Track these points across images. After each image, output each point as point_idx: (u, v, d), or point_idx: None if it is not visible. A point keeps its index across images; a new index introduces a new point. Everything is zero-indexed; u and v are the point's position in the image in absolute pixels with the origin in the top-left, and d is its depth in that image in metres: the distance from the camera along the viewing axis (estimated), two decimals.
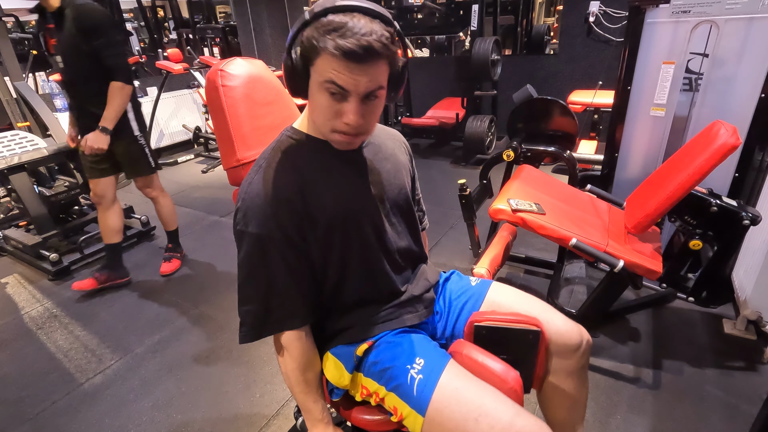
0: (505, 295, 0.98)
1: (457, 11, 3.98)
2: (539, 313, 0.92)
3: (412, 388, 0.79)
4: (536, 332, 0.84)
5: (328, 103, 0.72)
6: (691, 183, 1.35)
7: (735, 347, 1.66)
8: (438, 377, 0.78)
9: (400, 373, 0.81)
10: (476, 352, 0.82)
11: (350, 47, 0.64)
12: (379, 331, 0.90)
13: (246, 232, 0.79)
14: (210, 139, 4.70)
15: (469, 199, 2.00)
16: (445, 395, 0.76)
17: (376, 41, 0.66)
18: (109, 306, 2.22)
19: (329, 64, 0.67)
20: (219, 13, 7.22)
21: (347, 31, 0.65)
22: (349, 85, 0.68)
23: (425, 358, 0.82)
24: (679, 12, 1.69)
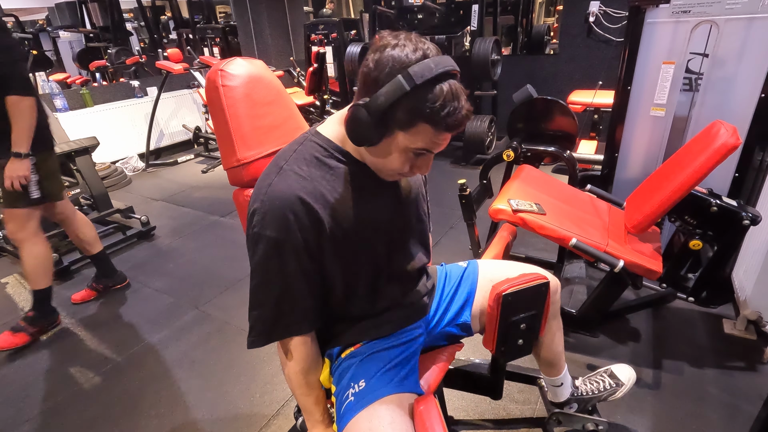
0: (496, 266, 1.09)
1: (457, 11, 3.98)
2: (528, 269, 1.03)
3: (341, 407, 0.81)
4: (547, 282, 0.95)
5: (407, 160, 0.76)
6: (691, 183, 1.35)
7: (735, 347, 1.66)
8: (367, 404, 0.78)
9: (343, 389, 0.84)
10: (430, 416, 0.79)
11: (456, 125, 0.70)
12: (376, 336, 0.91)
13: (263, 236, 0.76)
14: (210, 139, 4.71)
15: (469, 199, 2.00)
16: (360, 427, 0.76)
17: (468, 113, 0.71)
18: (109, 306, 2.22)
19: (428, 134, 0.71)
20: (219, 13, 7.22)
21: (453, 109, 0.68)
22: (438, 148, 0.75)
23: (368, 382, 0.82)
24: (679, 12, 1.69)
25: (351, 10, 7.42)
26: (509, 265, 1.09)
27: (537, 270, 1.02)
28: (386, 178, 0.82)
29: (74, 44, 6.51)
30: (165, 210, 3.40)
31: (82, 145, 2.76)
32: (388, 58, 0.68)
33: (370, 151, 0.77)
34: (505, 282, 0.95)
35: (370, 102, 0.69)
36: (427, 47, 0.70)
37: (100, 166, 3.81)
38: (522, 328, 0.98)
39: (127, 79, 4.86)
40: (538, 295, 0.96)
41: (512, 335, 0.98)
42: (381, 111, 0.68)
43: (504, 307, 0.93)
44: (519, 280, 0.94)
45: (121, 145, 4.37)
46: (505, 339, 0.98)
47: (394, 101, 0.67)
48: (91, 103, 4.23)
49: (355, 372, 0.85)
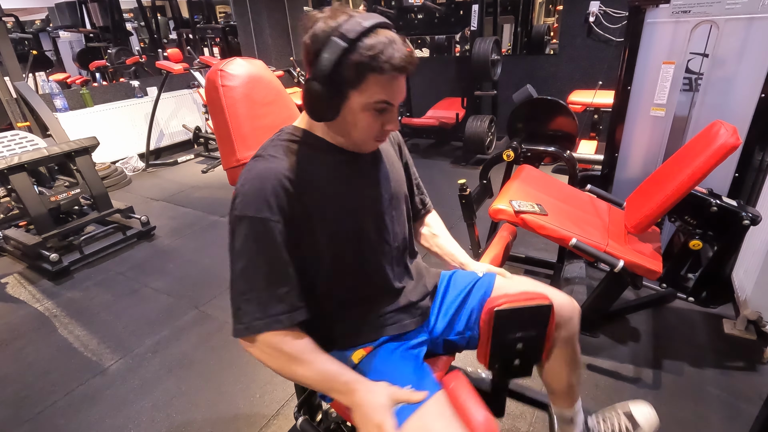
0: (507, 280, 1.03)
1: (457, 11, 3.98)
2: (542, 289, 0.98)
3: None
4: (549, 306, 0.90)
5: (372, 119, 0.77)
6: (691, 183, 1.34)
7: (735, 347, 1.66)
8: (413, 409, 0.75)
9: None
10: (463, 390, 0.79)
11: (401, 64, 0.72)
12: (377, 337, 0.90)
13: (245, 217, 0.75)
14: (210, 139, 4.71)
15: (469, 199, 1.99)
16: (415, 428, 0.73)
17: (411, 54, 0.73)
18: (109, 306, 2.22)
19: (379, 84, 0.73)
20: (219, 13, 7.22)
21: (393, 51, 0.71)
22: (396, 98, 0.76)
23: (414, 386, 0.80)
24: (679, 12, 1.69)
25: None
26: (525, 283, 1.02)
27: (550, 292, 0.97)
28: (365, 149, 0.84)
29: (74, 44, 6.51)
30: (165, 210, 3.40)
31: (82, 145, 2.77)
32: (320, 28, 0.72)
33: (337, 130, 0.80)
34: (501, 297, 0.91)
35: (315, 71, 0.72)
36: (351, 10, 0.74)
37: (100, 166, 3.81)
38: (518, 348, 0.92)
39: (127, 79, 4.86)
40: (538, 316, 0.90)
41: (506, 354, 0.92)
42: (327, 75, 0.71)
43: (496, 324, 0.89)
44: (517, 297, 0.91)
45: (121, 145, 4.38)
46: (497, 357, 0.93)
47: (336, 61, 0.70)
48: (91, 103, 4.23)
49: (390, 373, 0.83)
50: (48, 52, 6.31)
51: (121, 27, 5.77)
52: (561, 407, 1.10)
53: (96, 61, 5.57)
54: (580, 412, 1.12)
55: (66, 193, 2.82)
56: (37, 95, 3.17)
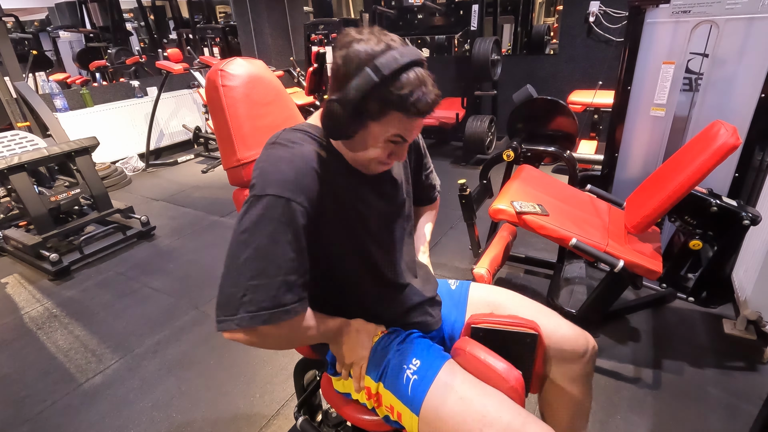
0: (507, 297, 0.99)
1: (457, 11, 3.98)
2: (544, 318, 0.92)
3: (407, 388, 0.80)
4: (533, 335, 0.84)
5: (382, 150, 0.77)
6: (691, 183, 1.35)
7: (735, 347, 1.66)
8: (433, 377, 0.79)
9: (397, 373, 0.82)
10: (479, 350, 0.82)
11: (426, 109, 0.72)
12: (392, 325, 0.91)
13: (268, 195, 0.70)
14: (210, 139, 4.71)
15: (469, 199, 2.00)
16: (439, 395, 0.77)
17: (437, 97, 0.74)
18: (108, 306, 2.22)
19: (401, 122, 0.73)
20: (219, 13, 7.22)
21: (422, 95, 0.70)
22: (411, 136, 0.77)
23: (422, 359, 0.83)
24: (679, 12, 1.69)
25: (351, 10, 7.42)
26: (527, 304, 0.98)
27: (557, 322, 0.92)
28: (366, 171, 0.82)
29: (74, 44, 6.51)
30: (165, 210, 3.40)
31: (82, 145, 2.77)
32: (354, 53, 0.70)
33: (348, 146, 0.79)
34: (488, 315, 0.89)
35: (341, 96, 0.71)
36: (391, 39, 0.72)
37: (100, 166, 3.81)
38: None
39: (127, 79, 4.86)
40: (520, 343, 0.85)
41: None
42: (353, 104, 0.70)
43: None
44: (501, 320, 0.86)
45: (121, 145, 4.38)
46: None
47: (365, 93, 0.69)
48: (91, 103, 4.23)
49: (400, 356, 0.84)
50: (48, 52, 6.31)
51: (121, 27, 5.78)
52: None
53: (96, 61, 5.57)
54: None
55: (66, 193, 2.82)
56: (37, 95, 3.17)
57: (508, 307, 0.96)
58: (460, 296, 1.03)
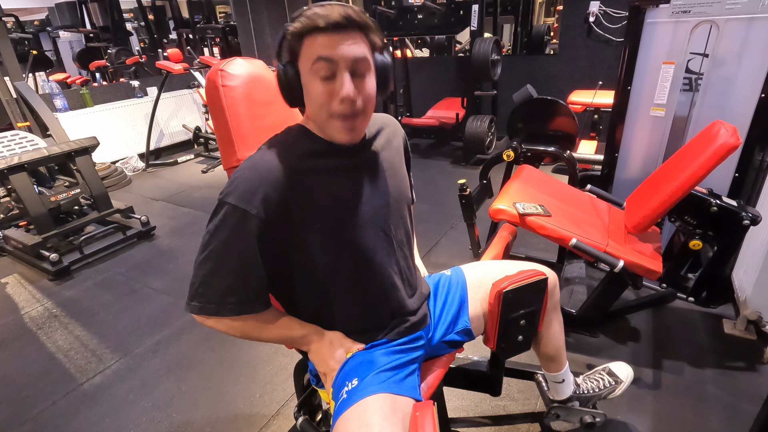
0: (492, 267, 1.08)
1: (457, 11, 3.98)
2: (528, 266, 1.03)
3: (337, 404, 0.81)
4: (545, 279, 0.98)
5: (321, 88, 0.75)
6: (691, 183, 1.35)
7: (735, 347, 1.66)
8: (356, 401, 0.77)
9: (338, 388, 0.84)
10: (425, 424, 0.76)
11: (333, 18, 0.71)
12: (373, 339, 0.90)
13: (226, 203, 0.76)
14: (210, 139, 4.71)
15: (469, 199, 1.99)
16: (349, 422, 0.75)
17: (352, 11, 0.73)
18: (109, 306, 2.22)
19: (314, 42, 0.73)
20: (219, 13, 7.22)
21: (326, 8, 0.72)
22: (336, 53, 0.73)
23: (360, 380, 0.82)
24: (679, 12, 1.69)
25: None
26: (492, 264, 1.10)
27: (527, 266, 1.03)
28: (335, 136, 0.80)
29: (74, 44, 6.52)
30: (165, 210, 3.40)
31: (82, 145, 2.77)
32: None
33: (309, 110, 0.81)
34: (504, 279, 0.97)
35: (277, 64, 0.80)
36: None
37: (100, 166, 3.81)
38: (521, 325, 1.00)
39: (127, 79, 4.86)
40: (538, 290, 0.98)
41: (512, 332, 1.00)
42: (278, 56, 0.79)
43: (505, 304, 0.95)
44: (518, 277, 0.96)
45: (121, 145, 4.38)
46: (505, 336, 1.00)
47: (282, 39, 0.78)
48: (91, 103, 4.24)
49: (349, 372, 0.84)
50: (48, 52, 6.31)
51: (121, 27, 5.78)
52: (553, 371, 1.20)
53: (96, 61, 5.57)
54: (569, 373, 1.23)
55: (66, 193, 2.82)
56: (37, 95, 3.17)
57: (498, 270, 1.04)
58: (458, 280, 1.07)
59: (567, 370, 1.21)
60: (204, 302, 0.79)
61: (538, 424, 1.41)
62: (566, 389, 1.23)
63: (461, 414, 1.47)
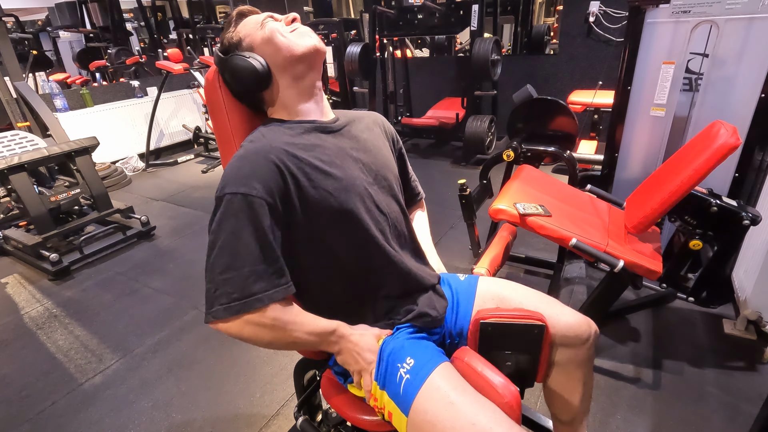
0: (511, 290, 0.99)
1: (457, 11, 3.98)
2: (547, 307, 0.93)
3: (399, 387, 0.78)
4: (541, 326, 0.85)
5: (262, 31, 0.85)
6: (691, 183, 1.34)
7: (735, 347, 1.66)
8: (425, 378, 0.77)
9: (391, 372, 0.81)
10: (477, 362, 0.79)
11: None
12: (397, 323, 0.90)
13: (224, 195, 0.75)
14: (210, 139, 4.71)
15: (469, 199, 1.99)
16: (430, 397, 0.75)
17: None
18: (109, 306, 2.22)
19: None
20: (219, 13, 7.20)
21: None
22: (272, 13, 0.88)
23: (416, 358, 0.81)
24: (679, 12, 1.69)
25: (351, 10, 7.42)
26: (509, 287, 1.00)
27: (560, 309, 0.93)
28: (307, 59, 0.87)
29: (74, 44, 6.51)
30: (165, 210, 3.40)
31: (82, 145, 2.77)
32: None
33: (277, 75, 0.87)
34: (494, 309, 0.90)
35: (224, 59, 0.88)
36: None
37: (100, 166, 3.81)
38: (507, 366, 0.89)
39: (127, 79, 4.86)
40: (528, 335, 0.86)
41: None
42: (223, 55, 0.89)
43: (482, 337, 0.88)
44: (507, 313, 0.87)
45: (121, 145, 4.38)
46: None
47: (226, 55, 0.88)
48: (91, 103, 4.24)
49: (396, 353, 0.83)
50: (48, 52, 6.31)
51: (121, 27, 5.77)
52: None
53: (96, 61, 5.57)
54: None
55: (66, 193, 2.82)
56: (37, 95, 3.17)
57: (513, 298, 0.96)
58: (470, 288, 1.02)
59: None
60: (227, 301, 0.73)
61: None
62: None
63: None
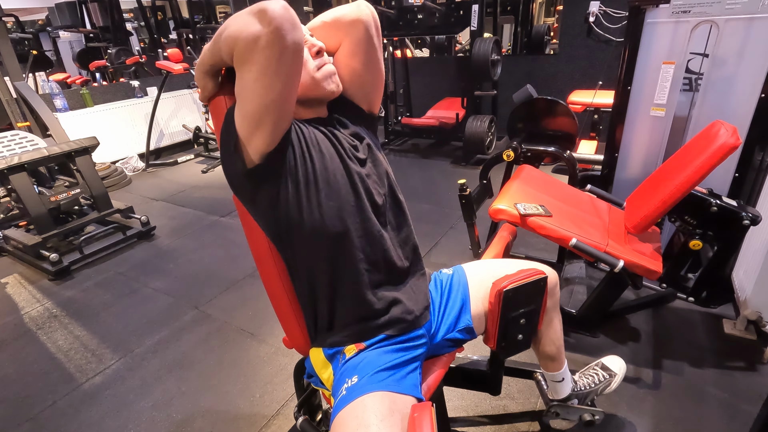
0: (494, 264, 1.09)
1: (457, 11, 3.98)
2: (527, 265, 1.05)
3: (336, 400, 0.81)
4: (545, 278, 0.99)
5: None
6: (691, 183, 1.35)
7: (735, 347, 1.66)
8: (355, 397, 0.77)
9: (338, 385, 0.84)
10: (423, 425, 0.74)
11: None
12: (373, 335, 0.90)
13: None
14: (210, 139, 4.70)
15: (469, 199, 2.00)
16: (346, 419, 0.75)
17: None
18: (109, 306, 2.22)
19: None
20: (219, 13, 7.21)
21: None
22: None
23: (360, 377, 0.82)
24: (679, 12, 1.69)
25: None
26: (493, 263, 1.10)
27: (526, 265, 1.03)
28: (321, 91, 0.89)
29: (74, 44, 6.52)
30: (165, 210, 3.40)
31: (82, 145, 2.77)
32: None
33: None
34: (504, 279, 0.97)
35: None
36: None
37: (100, 166, 3.81)
38: (521, 323, 1.01)
39: (127, 79, 4.86)
40: (537, 289, 0.99)
41: (512, 331, 1.01)
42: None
43: (505, 303, 0.96)
44: (518, 276, 0.97)
45: (121, 145, 4.38)
46: (505, 335, 1.01)
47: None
48: (91, 103, 4.23)
49: (351, 370, 0.85)
50: (48, 52, 6.31)
51: (121, 27, 5.77)
52: (552, 371, 1.21)
53: (96, 61, 5.57)
54: (568, 372, 1.24)
55: (66, 193, 2.82)
56: (37, 95, 3.17)
57: (499, 269, 1.04)
58: (460, 278, 1.07)
59: (566, 369, 1.23)
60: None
61: (537, 423, 1.41)
62: (565, 388, 1.24)
63: (461, 414, 1.47)
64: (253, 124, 0.75)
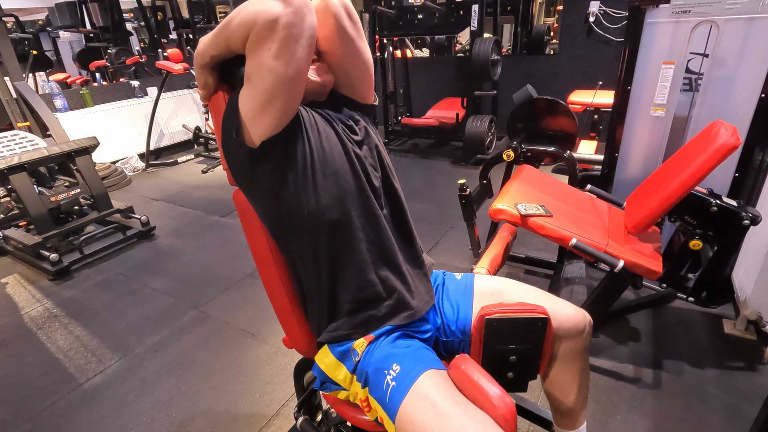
0: (509, 285, 1.01)
1: (457, 11, 3.98)
2: (546, 300, 0.95)
3: (386, 394, 0.79)
4: (545, 319, 0.87)
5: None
6: (691, 183, 1.34)
7: (735, 347, 1.66)
8: (410, 385, 0.77)
9: (378, 379, 0.82)
10: (474, 371, 0.78)
11: None
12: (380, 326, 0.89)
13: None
14: (210, 139, 4.71)
15: (469, 199, 1.99)
16: (417, 407, 0.75)
17: None
18: (109, 306, 2.22)
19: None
20: (219, 13, 7.21)
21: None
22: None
23: (402, 364, 0.81)
24: (679, 12, 1.69)
25: None
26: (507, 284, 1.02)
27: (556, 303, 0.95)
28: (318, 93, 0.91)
29: (74, 44, 6.52)
30: (165, 210, 3.40)
31: (82, 145, 2.77)
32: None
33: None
34: (497, 305, 0.90)
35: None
36: None
37: (100, 166, 3.81)
38: (511, 360, 0.90)
39: (127, 79, 4.86)
40: (532, 328, 0.88)
41: (501, 365, 0.90)
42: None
43: (487, 332, 0.88)
44: (511, 308, 0.88)
45: (121, 145, 4.38)
46: (492, 367, 0.88)
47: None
48: (91, 103, 4.24)
49: (384, 360, 0.83)
50: (48, 52, 6.31)
51: (121, 27, 5.77)
52: (564, 428, 1.05)
53: (96, 61, 5.57)
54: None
55: (66, 193, 2.82)
56: (37, 95, 3.17)
57: (512, 294, 0.98)
58: (466, 287, 1.03)
59: (583, 429, 1.05)
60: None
61: None
62: None
63: None
64: (262, 103, 0.75)
